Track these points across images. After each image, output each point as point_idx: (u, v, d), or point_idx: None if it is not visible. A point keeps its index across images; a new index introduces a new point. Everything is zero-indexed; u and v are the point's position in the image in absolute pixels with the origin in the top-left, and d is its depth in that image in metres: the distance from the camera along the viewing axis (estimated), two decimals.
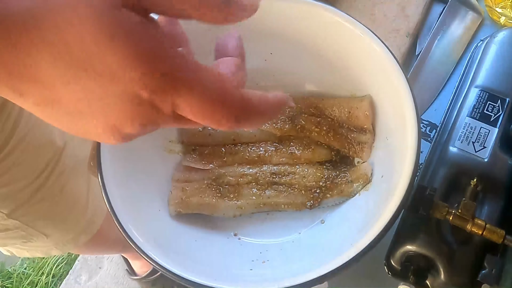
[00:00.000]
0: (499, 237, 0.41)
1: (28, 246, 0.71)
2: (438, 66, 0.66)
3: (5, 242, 0.69)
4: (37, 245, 0.71)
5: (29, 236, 0.67)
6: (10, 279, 1.36)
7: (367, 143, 0.50)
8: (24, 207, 0.62)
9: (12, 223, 0.63)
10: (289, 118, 0.53)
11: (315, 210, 0.50)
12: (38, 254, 0.74)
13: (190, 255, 0.45)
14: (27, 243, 0.70)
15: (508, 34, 0.56)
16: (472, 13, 0.68)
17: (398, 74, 0.44)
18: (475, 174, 0.46)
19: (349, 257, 0.38)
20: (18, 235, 0.66)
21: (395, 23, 0.68)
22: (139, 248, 0.40)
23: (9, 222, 0.63)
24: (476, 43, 0.64)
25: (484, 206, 0.46)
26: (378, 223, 0.39)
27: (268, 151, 0.52)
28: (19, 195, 0.61)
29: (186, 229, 0.49)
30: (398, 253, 0.45)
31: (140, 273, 1.17)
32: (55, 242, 0.72)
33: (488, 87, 0.52)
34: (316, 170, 0.51)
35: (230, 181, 0.51)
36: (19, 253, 0.73)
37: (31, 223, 0.66)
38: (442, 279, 0.44)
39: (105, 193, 0.42)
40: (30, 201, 0.63)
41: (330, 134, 0.51)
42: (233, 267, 0.46)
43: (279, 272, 0.43)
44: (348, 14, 0.46)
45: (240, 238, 0.50)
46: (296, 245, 0.48)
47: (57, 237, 0.72)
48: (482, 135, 0.49)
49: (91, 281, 1.28)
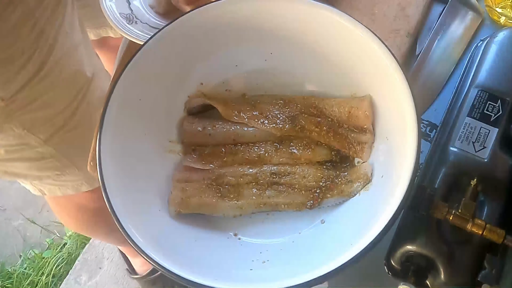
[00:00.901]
0: (499, 237, 0.42)
1: (60, 180, 0.75)
2: (438, 66, 0.66)
3: (40, 174, 0.74)
4: (69, 179, 0.76)
5: (62, 167, 0.72)
6: (10, 279, 1.36)
7: (367, 143, 0.50)
8: (58, 134, 0.68)
9: (48, 150, 0.68)
10: (289, 118, 0.53)
11: (315, 210, 0.50)
12: (69, 190, 0.78)
13: (190, 255, 0.45)
14: (60, 177, 0.74)
15: (508, 34, 0.56)
16: (472, 13, 0.68)
17: (398, 74, 0.44)
18: (475, 174, 0.46)
19: (349, 257, 0.38)
20: (53, 166, 0.71)
21: (395, 23, 0.68)
22: (139, 248, 0.40)
23: (45, 149, 0.68)
24: (476, 43, 0.64)
25: (484, 206, 0.46)
26: (378, 223, 0.39)
27: (268, 151, 0.53)
28: (55, 120, 0.67)
29: (186, 229, 0.49)
30: (398, 253, 0.45)
31: (141, 272, 1.17)
32: (85, 175, 0.76)
33: (488, 87, 0.52)
34: (316, 170, 0.51)
35: (230, 181, 0.51)
36: (51, 190, 0.78)
37: (65, 152, 0.71)
38: (442, 279, 0.44)
39: (105, 193, 0.42)
40: (64, 127, 0.68)
41: (330, 134, 0.51)
42: (233, 267, 0.46)
43: (279, 272, 0.43)
44: (348, 14, 0.46)
45: (240, 238, 0.50)
46: (296, 245, 0.48)
47: (87, 171, 0.75)
48: (482, 135, 0.49)
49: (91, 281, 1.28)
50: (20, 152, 0.67)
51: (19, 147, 0.66)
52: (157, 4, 0.77)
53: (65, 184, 0.77)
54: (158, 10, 0.77)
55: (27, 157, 0.69)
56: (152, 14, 0.76)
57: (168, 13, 0.77)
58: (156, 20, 0.75)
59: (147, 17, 0.75)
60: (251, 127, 0.53)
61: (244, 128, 0.53)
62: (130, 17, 0.70)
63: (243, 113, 0.53)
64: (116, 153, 0.45)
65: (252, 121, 0.52)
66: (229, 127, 0.53)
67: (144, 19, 0.74)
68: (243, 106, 0.53)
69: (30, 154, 0.68)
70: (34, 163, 0.70)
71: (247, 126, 0.53)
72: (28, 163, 0.70)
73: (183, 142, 0.53)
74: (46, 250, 1.41)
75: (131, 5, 0.76)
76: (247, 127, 0.53)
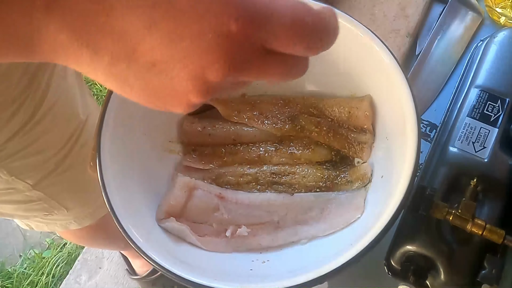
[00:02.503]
0: (499, 237, 0.41)
1: (48, 219, 0.72)
2: (438, 66, 0.66)
3: (27, 214, 0.71)
4: (57, 218, 0.73)
5: (50, 208, 0.69)
6: (10, 279, 1.36)
7: (367, 143, 0.50)
8: (49, 178, 0.65)
9: (36, 194, 0.65)
10: (289, 118, 0.53)
11: None
12: (56, 228, 0.76)
13: (190, 255, 0.45)
14: (48, 216, 0.71)
15: (508, 34, 0.56)
16: (472, 13, 0.68)
17: (398, 74, 0.44)
18: (475, 174, 0.46)
19: (349, 257, 0.38)
20: (41, 207, 0.68)
21: (395, 23, 0.68)
22: (139, 248, 0.40)
23: (34, 193, 0.65)
24: (476, 43, 0.63)
25: (484, 206, 0.46)
26: (378, 223, 0.39)
27: (268, 151, 0.52)
28: (45, 165, 0.63)
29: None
30: (398, 253, 0.45)
31: (141, 273, 1.17)
32: (74, 216, 0.74)
33: (488, 87, 0.52)
34: (316, 170, 0.51)
35: (230, 180, 0.51)
36: (38, 227, 0.75)
37: (55, 195, 0.68)
38: (442, 279, 0.44)
39: (105, 193, 0.42)
40: (55, 171, 0.65)
41: (330, 134, 0.51)
42: (233, 267, 0.46)
43: (279, 272, 0.43)
44: (348, 14, 0.46)
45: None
46: (296, 245, 0.48)
47: (77, 211, 0.73)
48: (482, 135, 0.49)
49: (91, 281, 1.28)
50: (6, 196, 0.64)
51: (5, 191, 0.63)
52: None
53: (53, 223, 0.74)
54: None
55: (14, 200, 0.66)
56: None
57: None
58: None
59: None
60: (251, 127, 0.53)
61: (244, 128, 0.53)
62: None
63: (243, 113, 0.53)
64: (116, 153, 0.45)
65: (252, 121, 0.52)
66: (229, 127, 0.53)
67: None
68: (243, 106, 0.53)
69: (17, 198, 0.65)
70: (21, 205, 0.67)
71: (247, 126, 0.53)
72: (16, 205, 0.67)
73: (183, 142, 0.53)
74: (46, 250, 1.41)
75: None
76: (247, 127, 0.53)
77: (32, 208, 0.68)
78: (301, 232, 0.48)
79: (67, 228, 0.77)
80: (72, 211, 0.72)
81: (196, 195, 0.49)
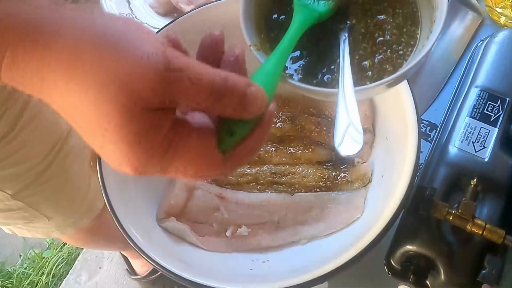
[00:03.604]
0: (499, 237, 0.41)
1: (29, 226, 0.72)
2: (438, 66, 0.66)
3: (7, 221, 0.70)
4: (39, 226, 0.72)
5: (31, 217, 0.68)
6: (10, 279, 1.36)
7: (367, 143, 0.50)
8: (29, 188, 0.64)
9: (16, 204, 0.64)
10: (289, 118, 0.53)
11: None
12: (38, 235, 0.75)
13: (190, 255, 0.45)
14: (29, 224, 0.71)
15: (508, 34, 0.56)
16: (472, 13, 0.68)
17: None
18: (475, 174, 0.46)
19: (349, 257, 0.38)
20: (20, 216, 0.67)
21: None
22: (139, 248, 0.40)
23: (13, 203, 0.64)
24: (476, 43, 0.63)
25: (484, 206, 0.46)
26: (378, 223, 0.39)
27: (268, 151, 0.52)
28: (26, 176, 0.62)
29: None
30: (398, 253, 0.45)
31: (141, 273, 1.17)
32: (56, 225, 0.73)
33: (488, 87, 0.52)
34: (316, 170, 0.51)
35: (230, 180, 0.51)
36: (20, 232, 0.74)
37: (35, 205, 0.67)
38: (442, 279, 0.44)
39: (105, 193, 0.42)
40: (35, 182, 0.64)
41: (330, 134, 0.51)
42: (233, 267, 0.46)
43: (279, 272, 0.43)
44: None
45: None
46: (296, 245, 0.48)
47: (59, 220, 0.72)
48: (482, 135, 0.49)
49: (91, 281, 1.28)
50: None
51: None
52: (157, 4, 0.77)
53: (35, 230, 0.74)
54: (158, 10, 0.77)
55: None
56: (152, 14, 0.77)
57: (168, 13, 0.77)
58: (156, 20, 0.75)
59: (147, 17, 0.75)
60: None
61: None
62: (130, 17, 0.70)
63: None
64: None
65: None
66: None
67: (144, 19, 0.74)
68: None
69: None
70: (1, 213, 0.66)
71: None
72: None
73: None
74: (46, 250, 1.41)
75: (131, 5, 0.76)
76: None
77: (12, 216, 0.67)
78: (301, 232, 0.48)
79: (49, 236, 0.76)
80: (53, 220, 0.71)
81: (196, 195, 0.49)
